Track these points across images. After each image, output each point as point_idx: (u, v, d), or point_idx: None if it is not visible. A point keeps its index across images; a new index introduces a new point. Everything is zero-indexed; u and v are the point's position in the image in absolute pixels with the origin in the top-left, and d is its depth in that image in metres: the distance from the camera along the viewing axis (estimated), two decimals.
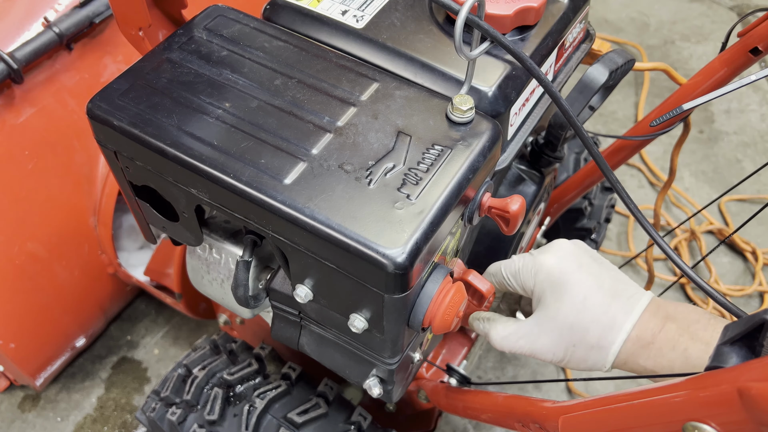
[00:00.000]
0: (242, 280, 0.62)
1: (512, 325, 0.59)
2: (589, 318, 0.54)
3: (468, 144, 0.52)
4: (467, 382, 0.94)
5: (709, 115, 1.97)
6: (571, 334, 0.55)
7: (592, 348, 0.54)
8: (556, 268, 0.56)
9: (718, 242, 1.53)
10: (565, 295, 0.55)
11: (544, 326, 0.56)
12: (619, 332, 0.53)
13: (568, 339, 0.55)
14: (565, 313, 0.55)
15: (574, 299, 0.54)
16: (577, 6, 0.69)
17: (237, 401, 0.85)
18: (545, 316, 0.56)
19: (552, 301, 0.56)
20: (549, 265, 0.57)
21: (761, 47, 0.74)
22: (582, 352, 0.55)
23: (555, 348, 0.56)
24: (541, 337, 0.56)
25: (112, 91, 0.55)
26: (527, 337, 0.57)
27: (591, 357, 0.55)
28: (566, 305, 0.55)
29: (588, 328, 0.54)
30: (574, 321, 0.54)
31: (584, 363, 0.56)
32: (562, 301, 0.55)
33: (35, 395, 1.37)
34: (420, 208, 0.47)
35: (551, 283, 0.56)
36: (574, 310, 0.54)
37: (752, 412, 0.32)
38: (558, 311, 0.55)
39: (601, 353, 0.54)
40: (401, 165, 0.50)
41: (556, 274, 0.56)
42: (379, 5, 0.65)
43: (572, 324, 0.54)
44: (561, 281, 0.55)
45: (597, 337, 0.54)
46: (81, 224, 1.14)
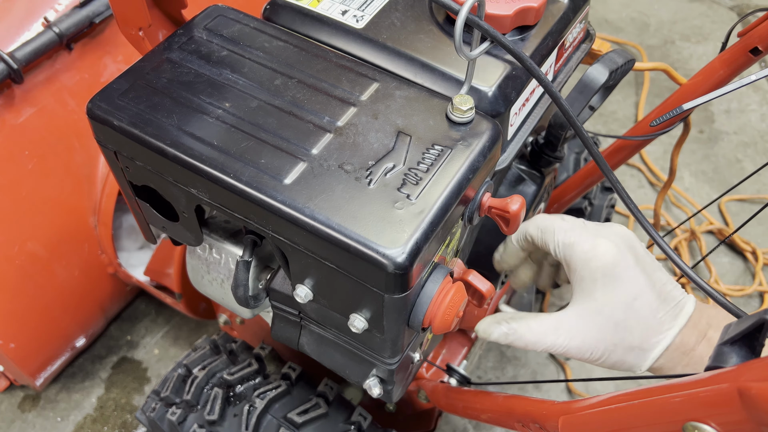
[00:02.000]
0: (242, 280, 0.62)
1: (547, 320, 0.54)
2: (637, 318, 0.51)
3: (468, 144, 0.52)
4: (467, 382, 0.94)
5: (709, 115, 1.97)
6: (615, 332, 0.52)
7: (632, 349, 0.52)
8: (613, 259, 0.52)
9: (718, 242, 1.53)
10: (617, 290, 0.52)
11: (588, 321, 0.52)
12: (664, 337, 0.51)
13: (611, 338, 0.52)
14: (614, 310, 0.52)
15: (625, 297, 0.51)
16: (577, 6, 0.69)
17: (237, 401, 0.85)
18: (590, 309, 0.52)
19: (601, 294, 0.52)
20: (607, 254, 0.52)
21: (761, 47, 0.74)
22: (620, 354, 0.53)
23: (595, 346, 0.53)
24: (583, 332, 0.52)
25: (112, 91, 0.55)
26: (567, 333, 0.53)
27: (629, 359, 0.53)
28: (616, 301, 0.51)
29: (633, 328, 0.51)
30: (621, 319, 0.51)
31: (620, 364, 0.53)
32: (612, 296, 0.52)
33: (35, 395, 1.37)
34: (420, 208, 0.47)
35: (604, 275, 0.52)
36: (623, 308, 0.51)
37: (752, 412, 0.32)
38: (606, 306, 0.52)
39: (640, 356, 0.52)
40: (401, 165, 0.50)
41: (611, 266, 0.52)
42: (379, 5, 0.65)
43: (618, 322, 0.52)
44: (614, 275, 0.52)
45: (640, 340, 0.51)
46: (81, 224, 1.14)
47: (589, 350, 0.53)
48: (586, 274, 0.53)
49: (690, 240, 1.68)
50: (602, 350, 0.53)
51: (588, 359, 0.54)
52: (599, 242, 0.53)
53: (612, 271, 0.52)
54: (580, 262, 0.53)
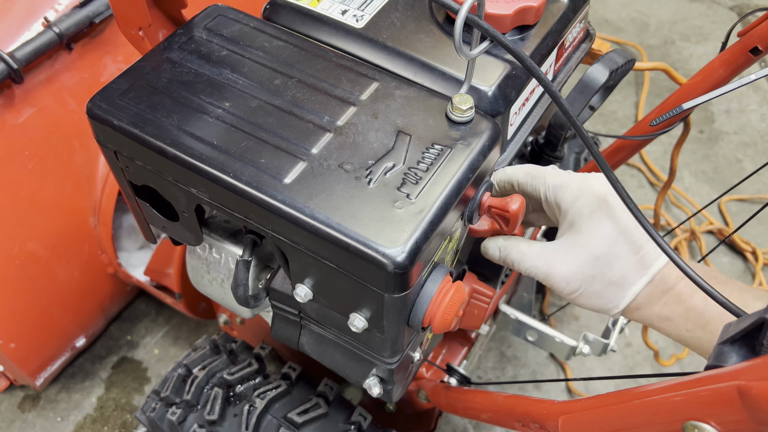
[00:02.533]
0: (242, 280, 0.62)
1: (536, 246, 0.57)
2: (618, 254, 0.53)
3: (468, 143, 0.52)
4: (467, 382, 0.94)
5: (709, 115, 1.97)
6: (595, 265, 0.53)
7: (611, 284, 0.53)
8: (602, 196, 0.54)
9: (718, 242, 1.53)
10: (601, 226, 0.53)
11: (570, 251, 0.54)
12: (645, 273, 0.52)
13: (590, 270, 0.53)
14: (598, 243, 0.53)
15: (610, 231, 0.53)
16: (577, 6, 0.69)
17: (237, 401, 0.85)
18: (575, 242, 0.54)
19: (587, 228, 0.54)
20: (597, 190, 0.54)
21: (761, 47, 0.74)
22: (598, 287, 0.54)
23: (573, 276, 0.54)
24: (564, 261, 0.55)
25: (112, 91, 0.55)
26: (548, 258, 0.55)
27: (606, 294, 0.54)
28: (601, 234, 0.53)
29: (614, 263, 0.53)
30: (604, 253, 0.53)
31: (597, 299, 0.55)
32: (598, 230, 0.53)
33: (35, 395, 1.37)
34: (420, 208, 0.47)
35: (591, 210, 0.54)
36: (607, 242, 0.53)
37: (752, 411, 0.32)
38: (590, 239, 0.53)
39: (619, 291, 0.53)
40: (401, 164, 0.50)
41: (600, 201, 0.54)
42: (379, 5, 0.65)
43: (600, 255, 0.53)
44: (602, 210, 0.54)
45: (620, 275, 0.53)
46: (81, 224, 1.14)
47: (565, 279, 0.55)
48: (573, 211, 0.55)
49: (690, 240, 1.68)
50: (580, 281, 0.54)
51: (564, 290, 0.55)
52: (589, 181, 0.55)
53: (599, 207, 0.54)
54: (568, 201, 0.55)
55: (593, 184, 0.55)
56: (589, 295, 0.55)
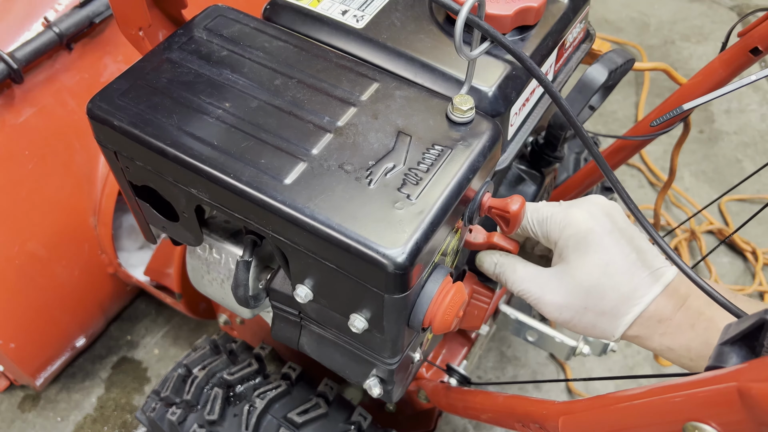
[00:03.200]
0: (242, 280, 0.62)
1: (532, 269, 0.57)
2: (609, 285, 0.52)
3: (468, 144, 0.52)
4: (467, 382, 0.94)
5: (709, 115, 1.97)
6: (587, 297, 0.53)
7: (603, 315, 0.53)
8: (585, 226, 0.54)
9: (718, 242, 1.53)
10: (588, 257, 0.53)
11: (561, 282, 0.54)
12: (636, 304, 0.52)
13: (582, 301, 0.53)
14: (586, 275, 0.53)
15: (597, 262, 0.53)
16: (577, 6, 0.69)
17: (237, 401, 0.85)
18: (565, 273, 0.54)
19: (574, 259, 0.54)
20: (578, 221, 0.54)
21: (761, 47, 0.74)
22: (591, 318, 0.53)
23: (564, 306, 0.54)
24: (556, 291, 0.55)
25: (112, 91, 0.55)
26: (542, 285, 0.55)
27: (600, 324, 0.53)
28: (588, 267, 0.53)
29: (605, 294, 0.52)
30: (593, 284, 0.53)
31: (591, 329, 0.54)
32: (584, 262, 0.53)
33: (35, 395, 1.37)
34: (420, 208, 0.47)
35: (577, 241, 0.54)
36: (596, 274, 0.53)
37: (752, 412, 0.32)
38: (578, 270, 0.53)
39: (612, 322, 0.53)
40: (401, 165, 0.50)
41: (584, 232, 0.54)
42: (379, 5, 0.65)
43: (590, 287, 0.53)
44: (587, 241, 0.53)
45: (612, 306, 0.52)
46: (81, 224, 1.14)
47: (558, 310, 0.55)
48: (561, 243, 0.55)
49: (690, 240, 1.68)
50: (572, 312, 0.54)
51: (559, 319, 0.55)
52: (572, 212, 0.55)
53: (585, 238, 0.53)
54: (556, 232, 0.55)
55: (576, 214, 0.55)
56: (583, 326, 0.55)
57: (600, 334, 0.54)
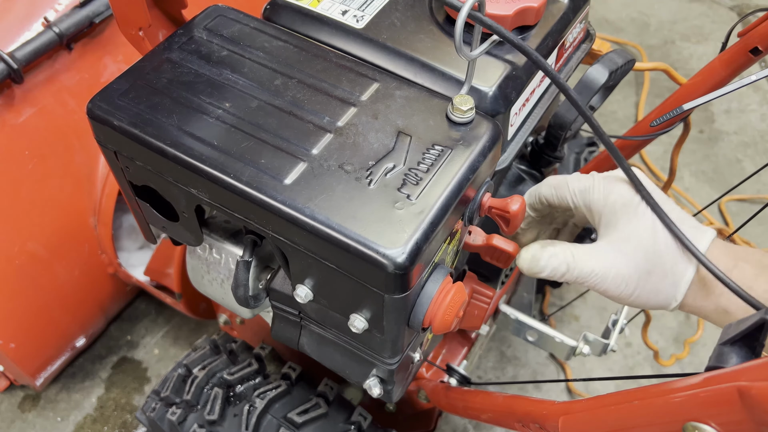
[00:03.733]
0: (242, 280, 0.62)
1: (584, 249, 0.54)
2: (664, 242, 0.52)
3: (468, 144, 0.52)
4: (467, 382, 0.94)
5: (709, 115, 1.97)
6: (645, 259, 0.52)
7: (665, 276, 0.52)
8: (628, 191, 0.54)
9: None
10: (639, 218, 0.52)
11: (618, 251, 0.53)
12: (691, 258, 0.51)
13: (643, 265, 0.52)
14: (640, 237, 0.52)
15: (647, 224, 0.52)
16: (577, 6, 0.69)
17: (237, 401, 0.85)
18: (617, 239, 0.53)
19: (624, 224, 0.53)
20: (621, 187, 0.54)
21: (761, 47, 0.74)
22: (655, 281, 0.52)
23: (629, 275, 0.52)
24: (616, 260, 0.53)
25: (112, 91, 0.55)
26: (603, 262, 0.53)
27: (663, 288, 0.53)
28: (641, 228, 0.52)
29: (662, 252, 0.52)
30: (650, 244, 0.52)
31: (655, 297, 0.53)
32: (636, 224, 0.52)
33: (35, 395, 1.37)
34: (420, 208, 0.47)
35: (624, 205, 0.53)
36: (649, 234, 0.52)
37: (752, 412, 0.32)
38: (632, 233, 0.52)
39: (674, 282, 0.52)
40: (401, 165, 0.50)
41: (629, 197, 0.53)
42: (380, 5, 0.65)
43: (647, 248, 0.52)
44: (635, 203, 0.53)
45: (671, 264, 0.52)
46: (81, 224, 1.14)
47: (624, 281, 0.53)
48: (606, 210, 0.54)
49: None
50: (636, 279, 0.53)
51: (624, 292, 0.53)
52: (612, 179, 0.55)
53: (631, 201, 0.53)
54: (599, 201, 0.55)
55: (617, 182, 0.55)
56: (647, 293, 0.53)
57: (663, 301, 0.54)
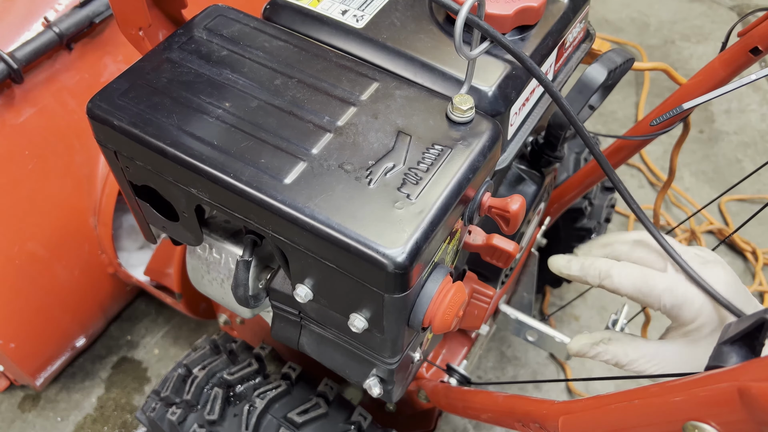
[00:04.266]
0: (242, 280, 0.62)
1: (646, 349, 0.56)
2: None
3: (468, 144, 0.52)
4: (467, 382, 0.94)
5: (709, 115, 1.97)
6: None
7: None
8: (724, 316, 0.53)
9: (718, 242, 1.53)
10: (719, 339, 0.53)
11: (687, 361, 0.54)
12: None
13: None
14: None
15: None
16: (577, 6, 0.69)
17: (237, 401, 0.85)
18: (692, 353, 0.54)
19: (705, 344, 0.53)
20: (718, 312, 0.53)
21: (761, 47, 0.74)
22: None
23: (683, 369, 0.54)
24: (678, 366, 0.54)
25: (112, 91, 0.55)
26: (661, 363, 0.55)
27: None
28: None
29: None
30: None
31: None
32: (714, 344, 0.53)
33: (35, 395, 1.37)
34: (420, 208, 0.47)
35: (713, 330, 0.53)
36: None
37: (752, 411, 0.32)
38: (708, 353, 0.52)
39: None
40: (401, 165, 0.50)
41: (718, 321, 0.53)
42: (379, 5, 0.65)
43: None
44: (720, 328, 0.53)
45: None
46: (81, 224, 1.14)
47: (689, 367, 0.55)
48: (692, 328, 0.54)
49: (690, 240, 1.68)
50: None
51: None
52: (711, 300, 0.53)
53: (719, 328, 0.53)
54: (688, 318, 0.54)
55: (714, 303, 0.53)
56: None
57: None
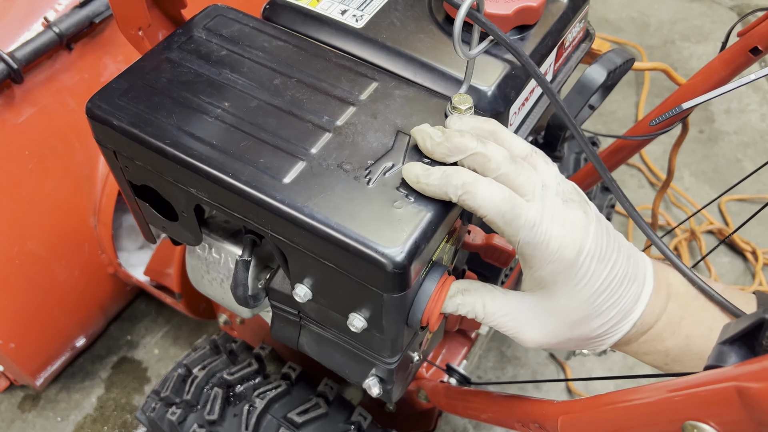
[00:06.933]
0: (242, 280, 0.62)
1: (501, 299, 0.51)
2: (597, 312, 0.48)
3: None
4: (467, 382, 0.94)
5: (709, 115, 1.97)
6: (571, 329, 0.49)
7: (588, 339, 0.50)
8: (576, 257, 0.46)
9: (718, 242, 1.53)
10: (579, 291, 0.47)
11: (543, 316, 0.49)
12: (625, 322, 0.49)
13: (565, 333, 0.50)
14: (573, 310, 0.48)
15: (587, 295, 0.47)
16: (576, 5, 0.69)
17: (237, 401, 0.85)
18: (547, 307, 0.49)
19: (562, 295, 0.47)
20: (569, 254, 0.46)
21: (761, 47, 0.74)
22: (575, 344, 0.51)
23: (545, 339, 0.50)
24: (535, 326, 0.50)
25: (112, 91, 0.55)
26: (517, 318, 0.50)
27: (585, 345, 0.51)
28: (577, 302, 0.47)
29: (591, 322, 0.48)
30: (581, 317, 0.48)
31: (573, 348, 0.52)
32: (573, 298, 0.47)
33: (35, 395, 1.37)
34: (419, 208, 0.47)
35: (567, 277, 0.46)
36: (585, 306, 0.47)
37: (751, 411, 0.32)
38: (565, 307, 0.48)
39: (598, 343, 0.51)
40: (400, 164, 0.50)
41: (574, 264, 0.46)
42: (379, 5, 0.65)
43: (576, 320, 0.48)
44: (578, 273, 0.46)
45: (599, 332, 0.49)
46: (81, 224, 1.14)
47: (536, 343, 0.51)
48: (544, 274, 0.48)
49: (690, 240, 1.68)
50: (554, 343, 0.51)
51: (533, 346, 0.52)
52: (565, 243, 0.46)
53: (574, 272, 0.47)
54: (539, 262, 0.47)
55: (567, 246, 0.46)
56: (563, 348, 0.52)
57: (582, 350, 0.54)
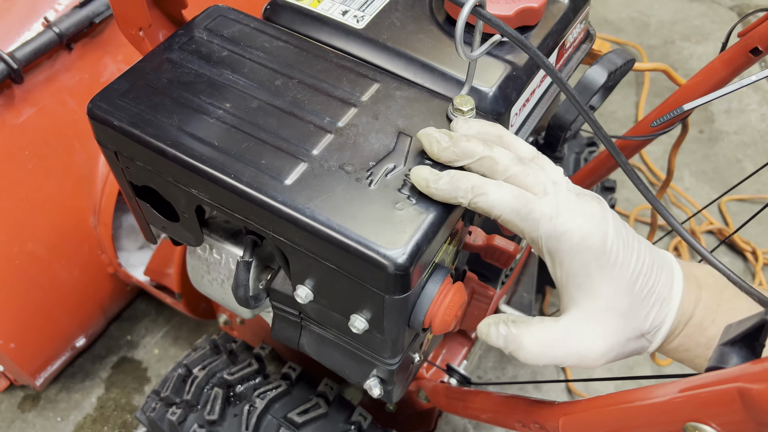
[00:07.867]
0: (242, 281, 0.62)
1: (551, 327, 0.46)
2: (641, 299, 0.45)
3: None
4: (467, 382, 0.94)
5: (709, 115, 1.97)
6: (626, 325, 0.46)
7: (643, 335, 0.47)
8: (604, 244, 0.44)
9: (718, 242, 1.53)
10: (616, 278, 0.45)
11: (597, 321, 0.45)
12: (667, 311, 0.46)
13: (624, 333, 0.46)
14: (619, 301, 0.45)
15: (627, 281, 0.45)
16: (577, 6, 0.69)
17: (237, 401, 0.85)
18: (596, 307, 0.45)
19: (603, 287, 0.45)
20: (596, 242, 0.44)
21: (761, 47, 0.74)
22: (633, 345, 0.47)
23: (610, 348, 0.46)
24: (596, 337, 0.45)
25: (113, 91, 0.55)
26: (581, 342, 0.46)
27: (640, 344, 0.48)
28: (620, 290, 0.45)
29: (639, 313, 0.46)
30: (627, 308, 0.45)
31: (630, 353, 0.48)
32: (614, 286, 0.45)
33: (35, 395, 1.37)
34: (421, 209, 0.47)
35: (600, 266, 0.44)
36: (628, 296, 0.45)
37: (753, 412, 0.32)
38: (611, 300, 0.45)
39: (652, 338, 0.48)
40: (402, 166, 0.50)
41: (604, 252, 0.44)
42: (380, 5, 0.65)
43: (626, 312, 0.45)
44: (609, 261, 0.44)
45: (650, 323, 0.46)
46: (81, 224, 1.14)
47: (604, 356, 0.46)
48: (578, 268, 0.45)
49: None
50: (617, 351, 0.47)
51: (602, 363, 0.48)
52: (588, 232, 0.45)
53: (606, 261, 0.45)
54: (568, 254, 0.45)
55: (592, 233, 0.45)
56: (626, 354, 0.48)
57: (637, 353, 0.49)
